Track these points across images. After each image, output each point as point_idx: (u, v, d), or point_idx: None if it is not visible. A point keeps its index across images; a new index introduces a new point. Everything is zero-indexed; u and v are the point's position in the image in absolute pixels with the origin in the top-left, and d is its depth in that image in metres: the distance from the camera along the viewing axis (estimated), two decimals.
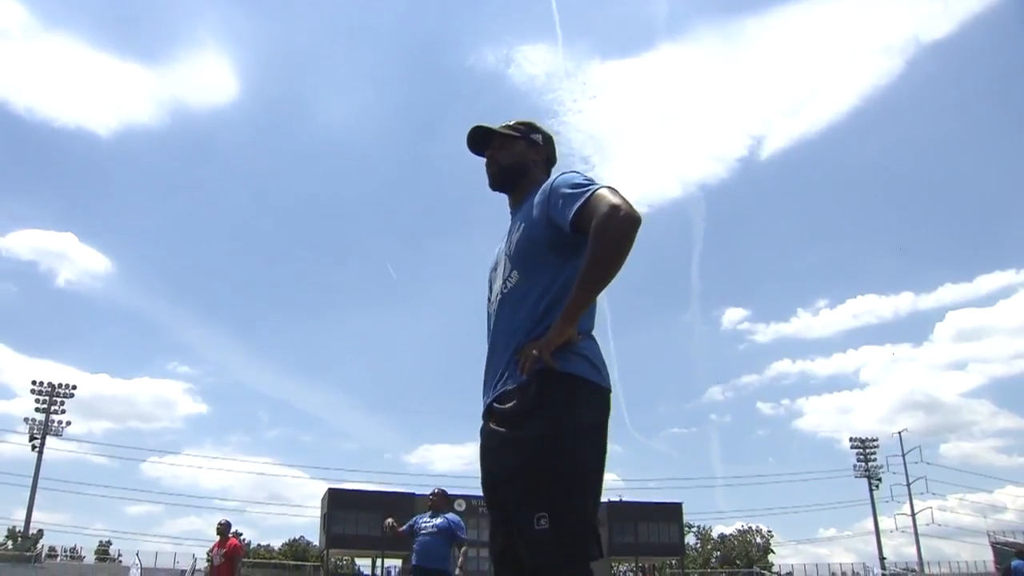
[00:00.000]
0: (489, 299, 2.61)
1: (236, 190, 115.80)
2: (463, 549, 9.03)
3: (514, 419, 2.25)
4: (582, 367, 2.28)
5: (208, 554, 11.09)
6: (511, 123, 2.74)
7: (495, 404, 2.37)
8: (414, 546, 8.82)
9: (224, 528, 11.33)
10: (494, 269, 2.63)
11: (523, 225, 2.50)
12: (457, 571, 9.10)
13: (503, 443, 2.27)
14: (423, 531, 8.82)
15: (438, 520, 8.83)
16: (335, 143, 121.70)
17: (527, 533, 2.11)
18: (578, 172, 2.44)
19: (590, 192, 2.29)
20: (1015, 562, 14.86)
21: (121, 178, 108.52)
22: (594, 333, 2.44)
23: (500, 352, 2.43)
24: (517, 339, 2.36)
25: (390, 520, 9.31)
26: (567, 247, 2.37)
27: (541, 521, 2.08)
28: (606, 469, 2.25)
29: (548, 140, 2.76)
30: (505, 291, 2.48)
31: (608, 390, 2.32)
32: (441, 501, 9.20)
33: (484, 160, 2.74)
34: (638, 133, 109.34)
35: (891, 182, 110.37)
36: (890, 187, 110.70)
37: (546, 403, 2.20)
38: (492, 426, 2.33)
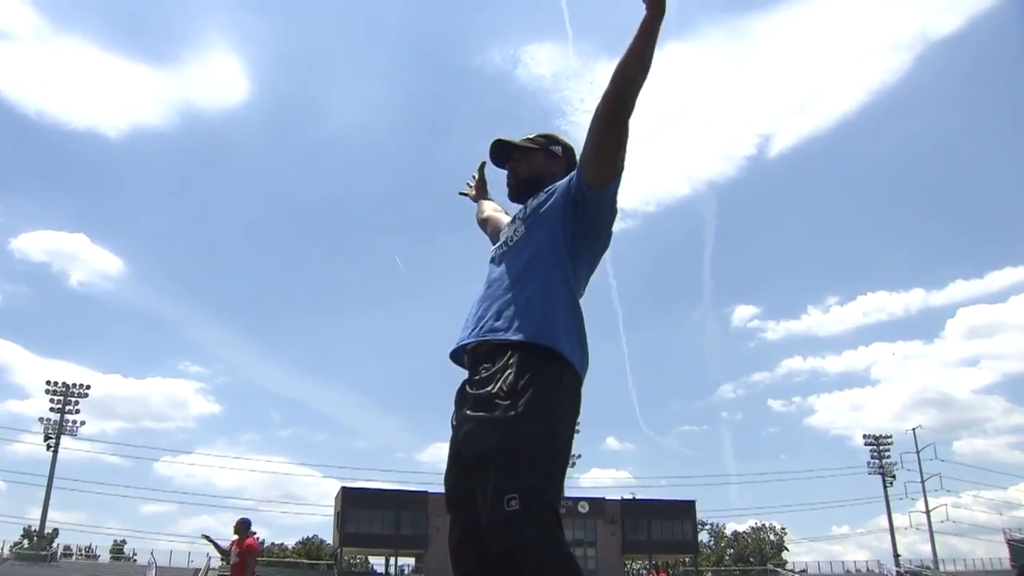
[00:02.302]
0: (494, 247, 2.69)
1: (247, 190, 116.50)
2: None
3: (490, 401, 2.23)
4: (569, 345, 2.31)
5: (225, 550, 11.08)
6: (531, 136, 2.77)
7: (468, 388, 2.38)
8: None
9: (243, 526, 11.31)
10: (509, 224, 2.71)
11: (540, 195, 2.58)
12: None
13: (478, 426, 2.25)
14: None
15: None
16: (345, 143, 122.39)
17: (498, 514, 2.08)
18: None
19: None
20: None
21: (132, 179, 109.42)
22: (604, 331, 2.44)
23: (488, 299, 2.46)
24: (505, 293, 2.41)
25: None
26: (576, 231, 2.46)
27: (512, 502, 2.07)
28: (618, 467, 2.23)
29: (568, 151, 2.78)
30: (511, 244, 2.55)
31: (582, 376, 2.34)
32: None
33: (505, 171, 2.79)
34: (646, 132, 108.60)
35: (900, 179, 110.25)
36: (899, 184, 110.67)
37: (524, 384, 2.21)
38: (467, 412, 2.30)
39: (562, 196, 2.48)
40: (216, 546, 11.33)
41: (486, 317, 2.41)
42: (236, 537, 11.25)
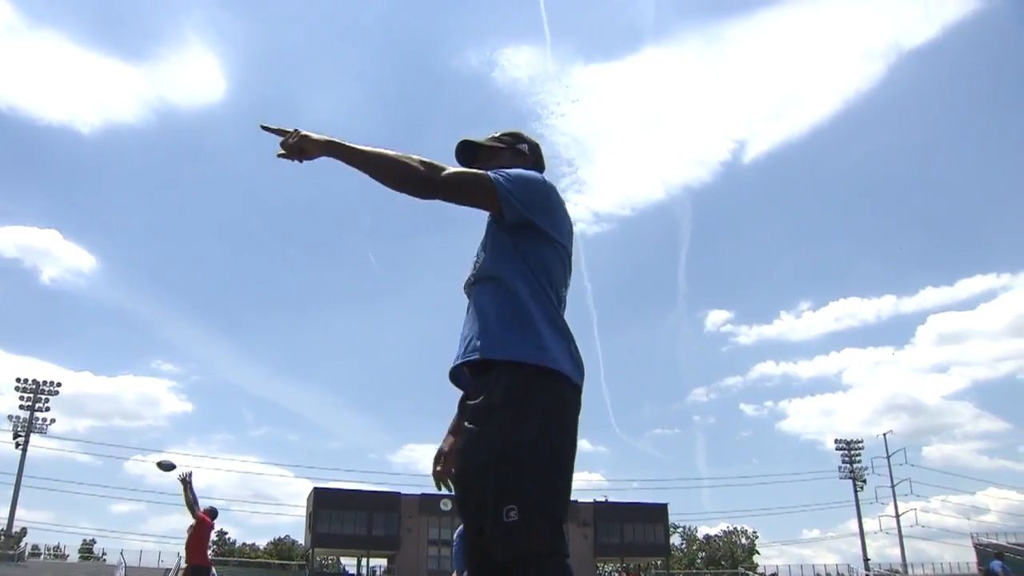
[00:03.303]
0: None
1: (221, 189, 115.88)
2: None
3: (484, 414, 2.26)
4: (562, 362, 2.32)
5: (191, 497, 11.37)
6: (497, 134, 2.79)
7: (467, 400, 2.42)
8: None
9: (211, 512, 11.82)
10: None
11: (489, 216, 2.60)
12: None
13: (474, 439, 2.28)
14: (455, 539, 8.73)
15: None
16: None
17: (497, 525, 2.11)
18: (537, 175, 2.55)
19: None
20: (993, 563, 14.99)
21: (106, 176, 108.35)
22: (579, 333, 2.47)
23: (467, 326, 2.49)
24: (479, 319, 2.43)
25: None
26: (519, 232, 2.47)
27: (510, 513, 2.08)
28: (590, 469, 2.27)
29: (534, 148, 2.81)
30: (475, 272, 2.56)
31: (579, 386, 2.36)
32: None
33: None
34: (621, 136, 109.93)
35: (873, 186, 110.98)
36: (872, 191, 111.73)
37: (518, 397, 2.23)
38: (466, 424, 2.34)
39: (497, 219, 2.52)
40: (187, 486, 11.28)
41: (469, 337, 2.43)
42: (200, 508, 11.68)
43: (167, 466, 11.44)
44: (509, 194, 2.43)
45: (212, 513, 11.92)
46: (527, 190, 2.48)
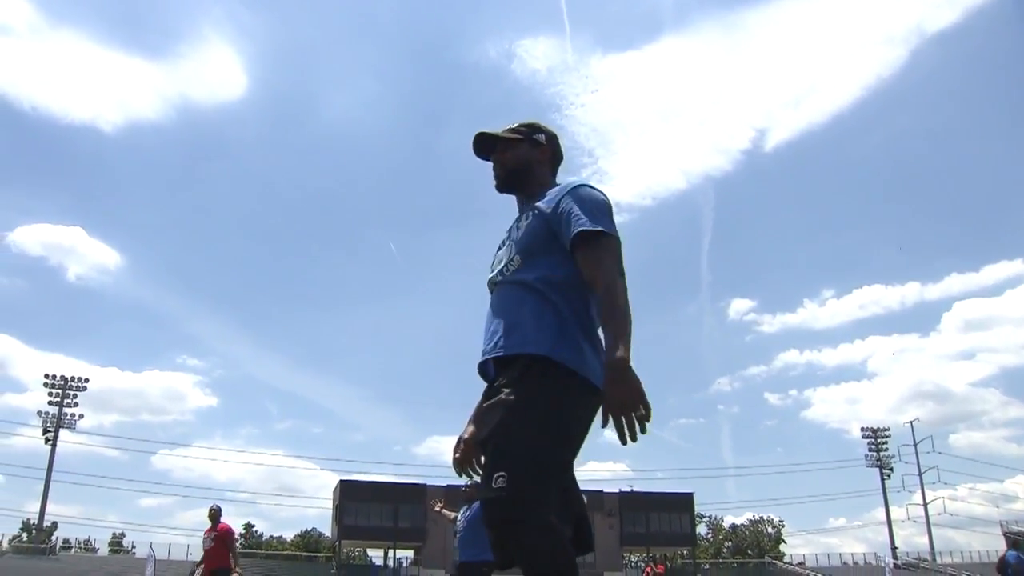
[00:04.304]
0: (490, 273, 2.68)
1: (244, 184, 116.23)
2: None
3: (497, 391, 2.37)
4: (592, 369, 2.34)
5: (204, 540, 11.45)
6: (513, 125, 2.80)
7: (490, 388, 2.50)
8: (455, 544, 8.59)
9: (215, 513, 11.70)
10: (499, 248, 2.72)
11: (533, 216, 2.56)
12: None
13: (485, 411, 2.42)
14: (458, 528, 8.58)
15: (468, 512, 8.53)
16: (341, 137, 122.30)
17: (487, 491, 2.17)
18: (593, 189, 2.52)
19: (596, 232, 2.38)
20: (1009, 553, 14.73)
21: (129, 173, 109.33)
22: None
23: (496, 323, 2.49)
24: (510, 318, 2.44)
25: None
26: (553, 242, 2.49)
27: (499, 480, 2.13)
28: (615, 459, 2.24)
29: (551, 138, 2.81)
30: (507, 273, 2.56)
31: (598, 390, 2.33)
32: (476, 491, 8.80)
33: (491, 165, 2.81)
34: (641, 126, 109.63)
35: (896, 172, 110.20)
36: (895, 177, 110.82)
37: (536, 380, 2.29)
38: (483, 404, 2.48)
39: (550, 229, 2.49)
40: None
41: (499, 333, 2.46)
42: (209, 525, 11.63)
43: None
44: (617, 237, 2.46)
45: (219, 513, 11.78)
46: (611, 220, 2.49)
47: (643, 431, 2.10)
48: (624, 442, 2.12)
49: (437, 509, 9.07)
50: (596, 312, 2.41)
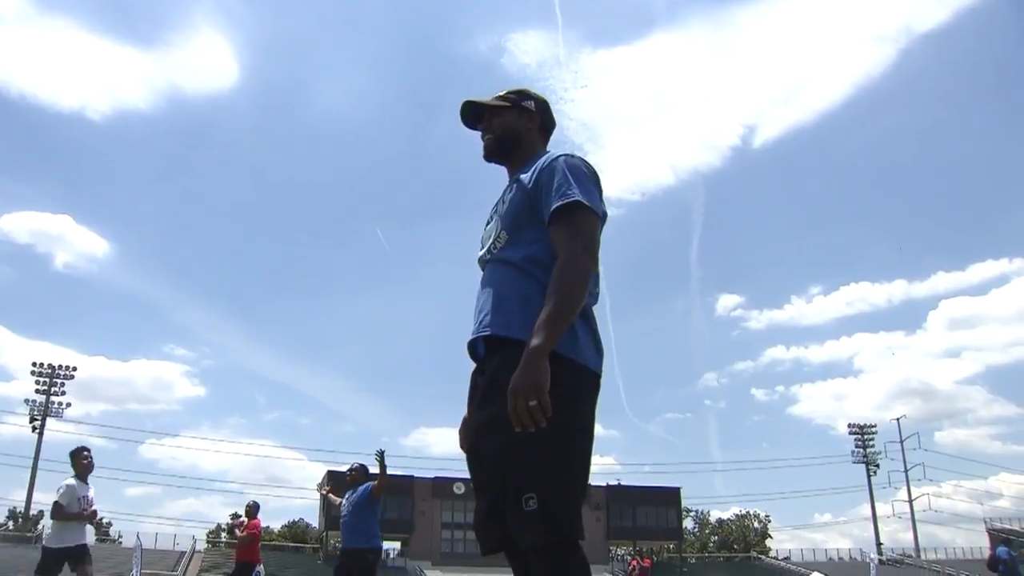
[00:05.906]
0: (480, 251, 2.64)
1: (233, 174, 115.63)
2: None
3: (498, 394, 2.17)
4: (587, 354, 2.31)
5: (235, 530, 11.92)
6: (502, 93, 2.72)
7: (478, 377, 2.43)
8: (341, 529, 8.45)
9: (252, 509, 12.14)
10: (487, 224, 2.66)
11: (516, 188, 2.51)
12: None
13: (488, 421, 2.28)
14: (343, 514, 8.46)
15: (353, 496, 8.39)
16: (331, 128, 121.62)
17: (517, 514, 2.12)
18: (574, 158, 2.45)
19: (568, 206, 2.31)
20: (1000, 548, 14.91)
21: (118, 162, 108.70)
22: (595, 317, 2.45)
23: (484, 301, 2.45)
24: (496, 298, 2.40)
25: (326, 489, 8.96)
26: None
27: (530, 502, 2.10)
28: (603, 453, 2.24)
29: (541, 104, 2.72)
30: (495, 251, 2.51)
31: (599, 375, 2.35)
32: (360, 475, 8.69)
33: (480, 134, 2.73)
34: (631, 121, 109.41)
35: (884, 171, 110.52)
36: (883, 176, 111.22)
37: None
38: (478, 408, 2.37)
39: (533, 203, 2.43)
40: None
41: (485, 311, 2.42)
42: (244, 519, 11.89)
43: None
44: (599, 210, 2.40)
45: (256, 509, 12.19)
46: (596, 190, 2.44)
47: (534, 424, 2.02)
48: (515, 427, 2.05)
49: (323, 492, 9.10)
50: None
